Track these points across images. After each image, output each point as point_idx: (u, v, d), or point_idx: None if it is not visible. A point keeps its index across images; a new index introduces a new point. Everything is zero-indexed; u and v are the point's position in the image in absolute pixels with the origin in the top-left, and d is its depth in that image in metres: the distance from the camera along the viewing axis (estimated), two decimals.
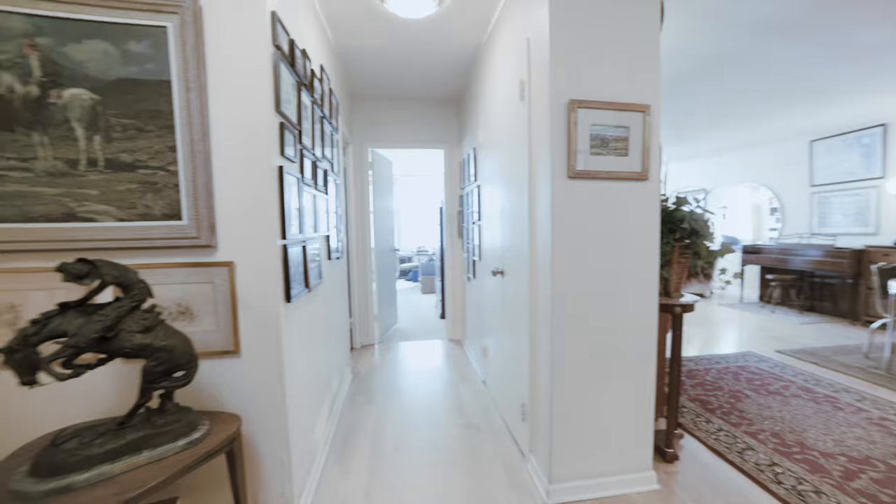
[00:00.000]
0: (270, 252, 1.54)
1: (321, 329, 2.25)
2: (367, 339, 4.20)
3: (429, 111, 4.15)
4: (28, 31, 1.36)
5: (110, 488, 1.06)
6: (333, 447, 2.22)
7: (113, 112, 1.42)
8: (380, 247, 4.34)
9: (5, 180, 1.39)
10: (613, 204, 1.67)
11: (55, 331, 1.11)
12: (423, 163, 7.52)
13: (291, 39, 1.72)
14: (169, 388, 1.28)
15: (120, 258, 1.45)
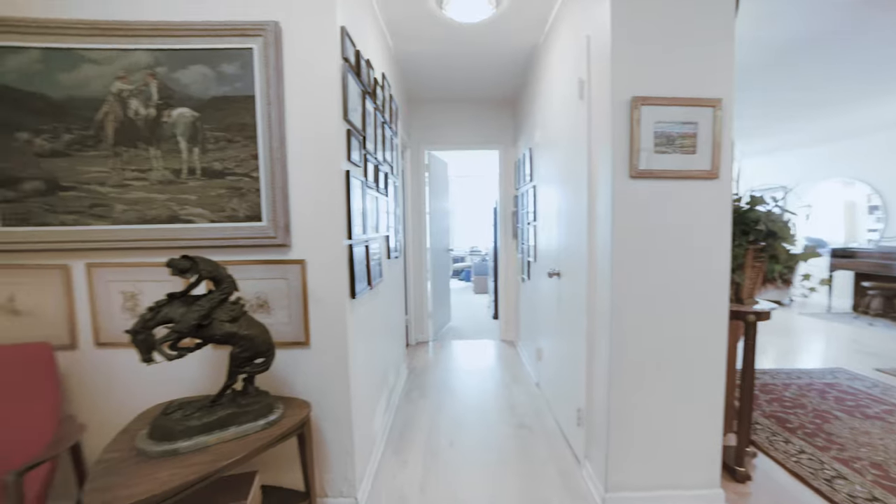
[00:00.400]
0: (338, 251, 1.65)
1: (380, 325, 2.36)
2: (421, 337, 4.31)
3: (484, 112, 4.17)
4: (149, 63, 1.58)
5: (206, 456, 1.21)
6: (390, 439, 2.32)
7: (208, 126, 1.61)
8: (435, 247, 4.44)
9: (130, 189, 1.63)
10: (679, 204, 1.59)
11: (165, 317, 1.29)
12: (477, 163, 7.55)
13: (357, 51, 1.83)
14: (251, 372, 1.43)
15: (211, 255, 1.63)
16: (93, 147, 1.62)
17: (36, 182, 1.64)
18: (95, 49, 1.58)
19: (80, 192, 1.64)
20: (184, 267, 1.31)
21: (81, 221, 1.65)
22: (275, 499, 1.55)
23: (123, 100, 1.60)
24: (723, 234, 1.61)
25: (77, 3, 1.56)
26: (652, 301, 1.64)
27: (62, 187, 1.64)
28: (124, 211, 1.64)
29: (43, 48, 1.57)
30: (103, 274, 1.67)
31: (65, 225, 1.64)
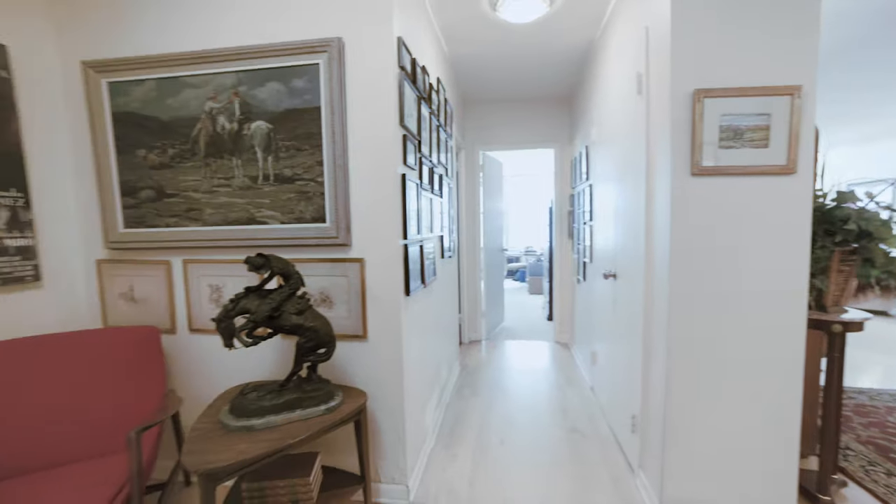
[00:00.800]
0: (393, 250, 1.74)
1: (433, 322, 2.43)
2: (474, 335, 4.35)
3: (539, 111, 4.11)
4: (234, 83, 1.78)
5: (275, 434, 1.35)
6: (441, 433, 2.38)
7: (281, 136, 1.78)
8: (489, 246, 4.45)
9: (217, 194, 1.85)
10: (747, 202, 1.46)
11: (243, 308, 1.45)
12: (533, 162, 7.42)
13: (413, 59, 1.91)
14: (314, 361, 1.56)
15: (282, 253, 1.81)
16: (189, 159, 1.86)
17: (149, 191, 1.91)
18: (194, 75, 1.81)
19: (180, 198, 1.89)
20: (258, 263, 1.46)
21: (180, 223, 1.90)
22: (334, 479, 1.67)
23: (213, 117, 1.82)
24: (800, 235, 1.46)
25: (182, 38, 1.80)
26: (714, 306, 1.52)
27: (167, 194, 1.90)
28: (212, 214, 1.86)
29: (157, 78, 1.84)
30: (196, 269, 1.90)
31: (168, 227, 1.91)
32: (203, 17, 1.78)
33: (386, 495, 1.78)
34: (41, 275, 1.84)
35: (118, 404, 1.66)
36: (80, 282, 1.99)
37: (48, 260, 1.87)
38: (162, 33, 1.82)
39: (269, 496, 1.48)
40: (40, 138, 1.85)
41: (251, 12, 1.74)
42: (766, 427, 1.54)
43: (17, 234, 1.76)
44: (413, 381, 1.93)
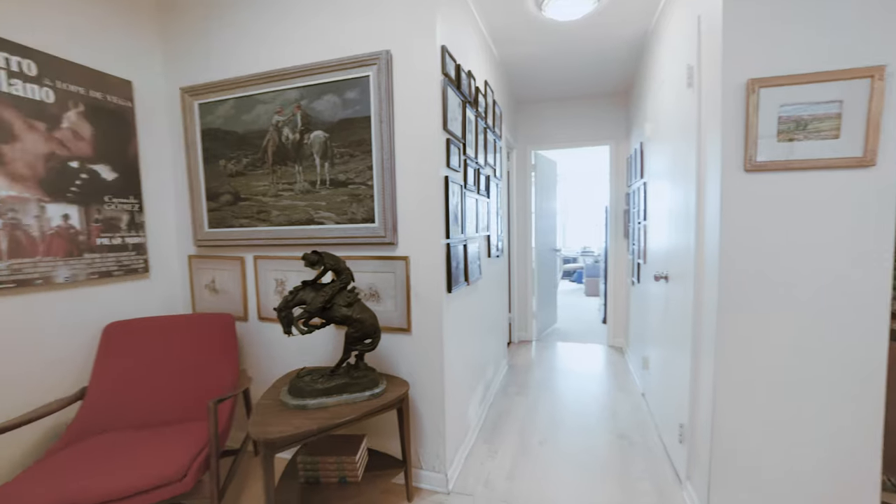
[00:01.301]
0: (436, 249, 1.80)
1: (478, 320, 2.47)
2: (524, 336, 4.30)
3: (593, 107, 3.95)
4: (297, 98, 1.97)
5: (325, 414, 1.48)
6: (484, 429, 2.41)
7: (336, 144, 1.93)
8: (540, 246, 4.37)
9: (282, 198, 2.06)
10: (811, 199, 1.30)
11: (300, 300, 1.61)
12: (591, 160, 7.13)
13: (458, 65, 1.96)
14: (361, 350, 1.67)
15: (336, 251, 1.96)
16: (259, 167, 2.08)
17: (227, 195, 2.17)
18: (264, 92, 2.02)
19: (252, 201, 2.12)
20: (313, 260, 1.61)
21: (251, 224, 2.13)
22: (378, 460, 1.78)
23: (279, 129, 2.02)
24: (882, 235, 1.28)
25: (255, 61, 2.02)
26: (768, 311, 1.39)
27: (241, 198, 2.14)
28: (278, 215, 2.07)
29: (235, 98, 2.09)
30: (264, 264, 2.12)
31: (241, 227, 2.15)
32: (271, 40, 1.99)
33: (426, 481, 1.86)
34: (149, 267, 2.17)
35: (202, 379, 1.91)
36: (176, 273, 2.32)
37: (154, 255, 2.20)
38: (239, 58, 2.06)
39: (320, 470, 1.62)
40: (150, 154, 2.18)
41: (311, 33, 1.91)
42: (835, 448, 1.37)
43: (134, 234, 2.10)
44: (454, 375, 1.98)
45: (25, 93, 1.71)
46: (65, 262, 1.83)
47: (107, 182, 1.99)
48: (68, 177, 1.85)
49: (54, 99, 1.80)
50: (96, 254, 1.94)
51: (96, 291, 1.94)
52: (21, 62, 1.70)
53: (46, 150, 1.78)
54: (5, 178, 1.65)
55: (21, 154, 1.70)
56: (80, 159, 1.89)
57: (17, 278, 1.68)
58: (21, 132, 1.70)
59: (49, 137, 1.79)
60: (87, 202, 1.91)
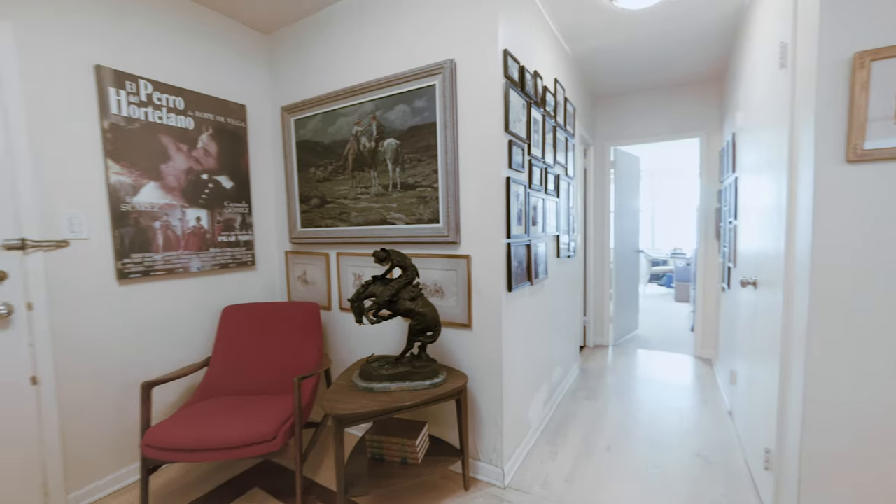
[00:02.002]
0: (497, 249, 1.82)
1: (544, 320, 2.41)
2: (600, 340, 4.06)
3: (679, 97, 3.56)
4: (373, 109, 2.14)
5: (388, 397, 1.60)
6: (547, 430, 2.35)
7: (405, 150, 2.05)
8: (620, 248, 4.08)
9: (360, 200, 2.25)
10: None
11: (370, 292, 1.75)
12: (684, 154, 6.41)
13: (522, 67, 1.95)
14: (423, 342, 1.76)
15: (404, 249, 2.08)
16: (341, 173, 2.30)
17: (316, 199, 2.44)
18: (346, 106, 2.23)
19: (335, 204, 2.35)
20: (382, 256, 1.74)
21: (335, 224, 2.36)
22: (437, 447, 1.86)
23: (358, 138, 2.21)
24: None
25: (340, 78, 2.24)
26: (869, 325, 1.14)
27: (327, 201, 2.39)
28: (356, 216, 2.26)
29: (322, 112, 2.33)
30: (344, 260, 2.34)
31: (327, 226, 2.40)
32: (352, 59, 2.18)
33: (483, 473, 1.89)
34: (255, 261, 2.53)
35: (292, 358, 2.18)
36: (276, 266, 2.66)
37: (259, 250, 2.56)
38: (326, 78, 2.29)
39: (385, 448, 1.75)
40: (257, 165, 2.54)
41: (386, 49, 2.05)
42: None
43: (244, 233, 2.47)
44: (514, 373, 1.97)
45: (176, 123, 2.13)
46: (197, 255, 2.23)
47: (226, 190, 2.37)
48: (200, 186, 2.24)
49: (193, 125, 2.20)
50: (218, 249, 2.33)
51: (217, 279, 2.33)
52: (174, 99, 2.11)
53: (187, 167, 2.18)
54: (162, 190, 2.07)
55: (172, 170, 2.11)
56: (208, 172, 2.28)
57: (168, 267, 2.09)
58: (173, 153, 2.12)
59: (189, 156, 2.19)
60: (212, 206, 2.30)
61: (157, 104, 2.05)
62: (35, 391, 1.68)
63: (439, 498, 1.76)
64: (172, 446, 1.54)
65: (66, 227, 1.76)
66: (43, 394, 1.69)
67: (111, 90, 1.89)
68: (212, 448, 1.55)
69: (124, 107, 1.93)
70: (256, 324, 2.23)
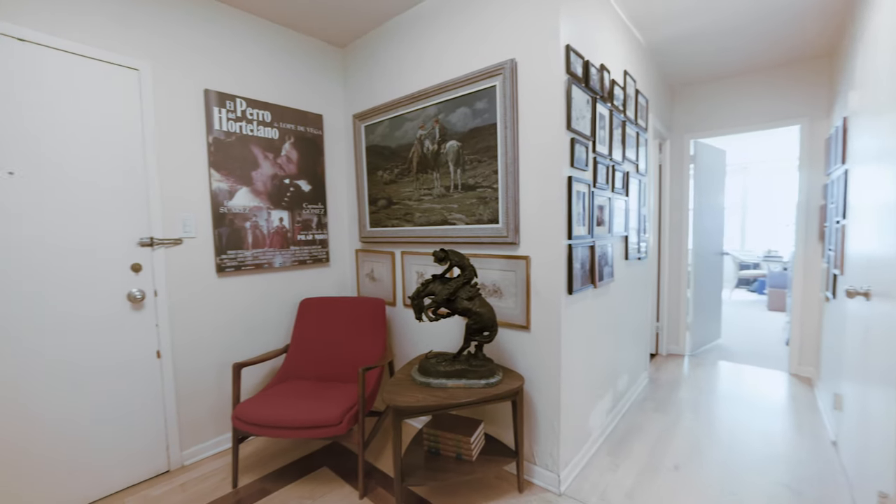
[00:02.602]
0: (557, 250, 1.75)
1: (608, 325, 2.27)
2: (675, 349, 3.70)
3: (773, 81, 3.08)
4: (435, 113, 2.17)
5: (443, 393, 1.62)
6: (609, 440, 2.20)
7: (466, 152, 2.05)
8: (700, 249, 3.68)
9: (423, 202, 2.30)
10: None
11: (429, 291, 1.79)
12: (782, 145, 5.57)
13: (586, 61, 1.84)
14: (480, 341, 1.76)
15: (465, 249, 2.09)
16: (406, 175, 2.37)
17: (383, 200, 2.55)
18: (410, 111, 2.29)
19: (400, 205, 2.43)
20: (440, 256, 1.76)
21: (400, 224, 2.45)
22: (493, 446, 1.84)
23: (422, 141, 2.26)
24: None
25: (406, 85, 2.31)
26: None
27: (393, 203, 2.48)
28: (420, 216, 2.32)
29: (389, 118, 2.43)
30: (408, 259, 2.41)
31: (393, 227, 2.49)
32: (418, 65, 2.23)
33: (538, 477, 1.83)
34: (329, 258, 2.72)
35: (359, 349, 2.30)
36: (347, 263, 2.83)
37: (332, 248, 2.74)
38: (394, 84, 2.38)
39: (441, 443, 1.78)
40: (331, 170, 2.72)
41: (448, 53, 2.07)
42: None
43: (320, 232, 2.67)
44: (573, 378, 1.88)
45: (264, 134, 2.36)
46: (280, 252, 2.45)
47: (304, 193, 2.58)
48: (283, 190, 2.46)
49: (278, 136, 2.43)
50: (297, 247, 2.54)
51: (296, 275, 2.54)
52: (262, 113, 2.35)
53: (272, 173, 2.41)
54: (252, 194, 2.31)
55: (260, 177, 2.35)
56: (290, 177, 2.49)
57: (256, 262, 2.34)
58: (261, 161, 2.35)
59: (274, 163, 2.42)
60: (293, 208, 2.52)
61: (249, 118, 2.29)
62: (159, 364, 1.98)
63: (493, 497, 1.74)
64: (255, 422, 1.72)
65: (180, 228, 2.04)
66: (164, 366, 1.99)
67: (215, 109, 2.15)
68: (285, 426, 1.70)
69: (224, 123, 2.19)
70: (329, 315, 2.40)
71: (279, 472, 1.96)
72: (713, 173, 3.77)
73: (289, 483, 1.87)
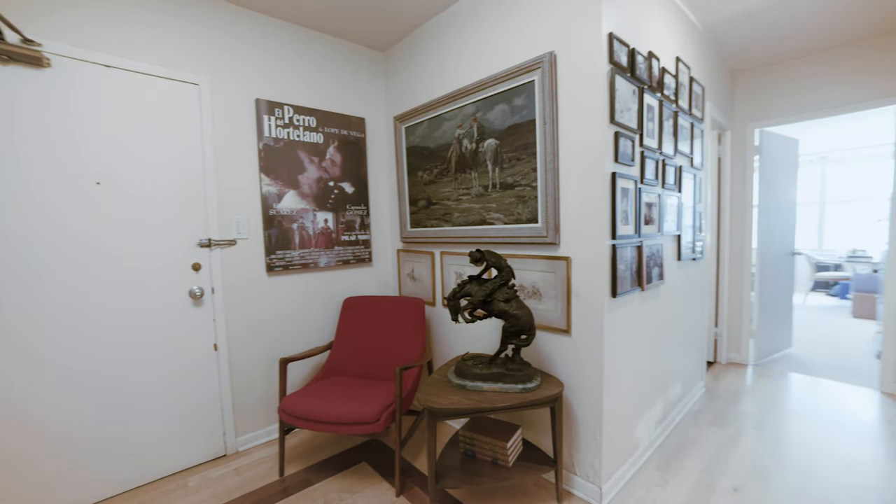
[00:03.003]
0: (600, 250, 1.64)
1: (657, 331, 2.10)
2: (736, 357, 3.37)
3: (861, 56, 2.68)
4: (473, 112, 2.13)
5: (479, 397, 1.58)
6: (658, 453, 2.04)
7: (504, 150, 1.99)
8: (766, 248, 3.32)
9: (461, 201, 2.27)
10: None
11: (466, 292, 1.75)
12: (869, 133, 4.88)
13: (631, 49, 1.71)
14: (517, 345, 1.70)
15: (503, 249, 2.03)
16: (445, 175, 2.35)
17: (423, 201, 2.55)
18: (449, 111, 2.27)
19: (439, 205, 2.42)
20: (476, 257, 1.72)
21: (439, 224, 2.44)
22: (531, 453, 1.77)
23: (460, 141, 2.23)
24: None
25: (445, 84, 2.30)
26: None
27: (432, 203, 2.48)
28: (458, 216, 2.29)
29: (428, 119, 2.43)
30: (447, 259, 2.40)
31: (432, 227, 2.49)
32: (457, 64, 2.21)
33: (578, 488, 1.73)
34: (372, 258, 2.78)
35: (399, 348, 2.32)
36: (389, 263, 2.88)
37: (375, 248, 2.80)
38: (434, 85, 2.37)
39: (476, 446, 1.74)
40: (373, 171, 2.77)
41: (486, 51, 2.02)
42: None
43: (363, 233, 2.73)
44: (617, 386, 1.76)
45: (310, 139, 2.46)
46: (325, 252, 2.54)
47: (348, 194, 2.65)
48: (327, 193, 2.54)
49: (322, 140, 2.51)
50: (340, 247, 2.62)
51: (340, 274, 2.62)
52: (308, 119, 2.44)
53: (317, 176, 2.50)
54: (298, 196, 2.42)
55: (306, 180, 2.45)
56: (334, 179, 2.57)
57: (303, 262, 2.44)
58: (307, 165, 2.45)
59: (319, 167, 2.50)
60: (337, 210, 2.59)
61: (295, 124, 2.39)
62: (216, 356, 2.13)
63: None
64: (298, 415, 1.79)
65: (234, 229, 2.18)
66: (220, 358, 2.13)
67: (265, 117, 2.27)
68: (325, 421, 1.75)
69: (273, 129, 2.30)
70: (370, 314, 2.44)
71: (322, 465, 2.03)
72: (782, 165, 3.38)
73: (330, 476, 1.93)
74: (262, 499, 1.77)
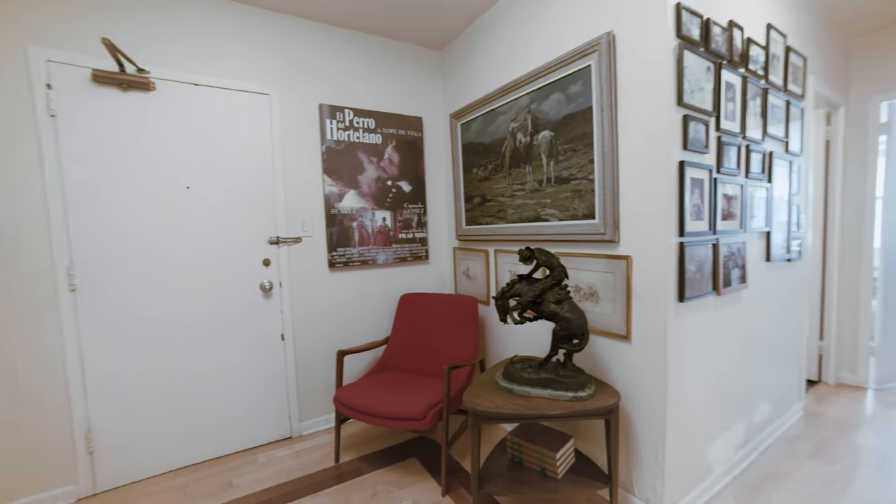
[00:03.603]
0: (665, 249, 1.48)
1: (738, 341, 1.83)
2: (850, 378, 2.82)
3: None
4: (528, 104, 2.05)
5: (525, 402, 1.51)
6: (738, 481, 1.77)
7: (560, 141, 1.88)
8: (893, 249, 2.73)
9: (516, 198, 2.20)
10: None
11: (515, 292, 1.69)
12: None
13: (706, 20, 1.50)
14: (568, 349, 1.59)
15: (557, 247, 1.92)
16: (500, 171, 2.29)
17: (477, 198, 2.52)
18: (503, 104, 2.21)
19: (494, 202, 2.37)
20: (526, 255, 1.65)
21: (493, 222, 2.38)
22: (583, 466, 1.64)
23: (514, 134, 2.15)
24: None
25: (498, 77, 2.24)
26: None
27: (487, 200, 2.43)
28: (512, 213, 2.22)
29: (482, 114, 2.38)
30: (501, 257, 2.34)
31: (487, 224, 2.44)
32: (511, 55, 2.14)
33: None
34: (429, 255, 2.81)
35: (451, 345, 2.31)
36: (445, 261, 2.89)
37: (431, 246, 2.82)
38: (488, 79, 2.33)
39: (524, 453, 1.67)
40: (430, 170, 2.80)
41: (540, 38, 1.93)
42: None
43: (420, 231, 2.77)
44: (684, 400, 1.57)
45: (369, 140, 2.56)
46: (382, 249, 2.63)
47: (405, 193, 2.70)
48: (385, 192, 2.62)
49: (381, 140, 2.60)
50: (398, 245, 2.68)
51: (397, 271, 2.69)
52: (367, 121, 2.54)
53: (376, 175, 2.59)
54: (358, 196, 2.53)
55: (366, 180, 2.55)
56: (392, 179, 2.65)
57: (362, 259, 2.55)
58: (366, 166, 2.55)
59: (377, 167, 2.59)
60: (394, 208, 2.66)
61: (355, 127, 2.49)
62: (283, 345, 2.31)
63: None
64: (351, 406, 1.87)
65: (300, 228, 2.34)
66: (287, 348, 2.31)
67: (327, 121, 2.40)
68: (375, 414, 1.80)
69: (335, 132, 2.43)
70: (425, 311, 2.47)
71: (374, 456, 2.10)
72: None
73: (380, 467, 1.99)
74: (318, 482, 1.88)
